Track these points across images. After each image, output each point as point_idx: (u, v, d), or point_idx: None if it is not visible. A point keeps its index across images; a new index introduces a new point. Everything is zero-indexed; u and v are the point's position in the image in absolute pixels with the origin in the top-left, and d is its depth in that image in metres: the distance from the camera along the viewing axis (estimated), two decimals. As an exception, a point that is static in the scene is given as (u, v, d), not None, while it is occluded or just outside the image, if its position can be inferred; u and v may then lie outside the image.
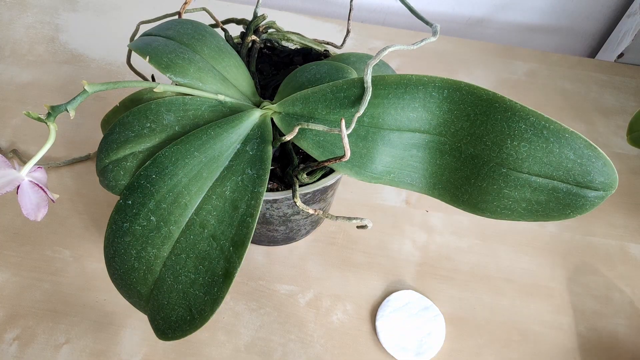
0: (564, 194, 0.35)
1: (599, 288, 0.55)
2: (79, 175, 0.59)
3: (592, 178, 0.35)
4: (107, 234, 0.38)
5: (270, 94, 0.49)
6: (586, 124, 0.69)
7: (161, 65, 0.40)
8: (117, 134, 0.40)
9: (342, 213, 0.58)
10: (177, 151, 0.38)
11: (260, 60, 0.52)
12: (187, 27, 0.44)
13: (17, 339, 0.48)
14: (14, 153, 0.59)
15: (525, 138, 0.35)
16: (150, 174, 0.38)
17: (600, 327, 0.52)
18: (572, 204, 0.35)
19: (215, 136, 0.39)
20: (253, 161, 0.39)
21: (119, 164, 0.40)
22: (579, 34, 0.83)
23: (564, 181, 0.35)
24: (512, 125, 0.35)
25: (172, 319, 0.36)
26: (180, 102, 0.40)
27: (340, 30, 0.76)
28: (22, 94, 0.65)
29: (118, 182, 0.40)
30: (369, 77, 0.37)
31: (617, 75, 0.75)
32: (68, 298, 0.50)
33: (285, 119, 0.41)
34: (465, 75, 0.73)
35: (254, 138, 0.40)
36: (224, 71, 0.43)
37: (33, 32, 0.72)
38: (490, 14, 0.81)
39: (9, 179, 0.33)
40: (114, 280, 0.39)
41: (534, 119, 0.35)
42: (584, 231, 0.59)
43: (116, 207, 0.38)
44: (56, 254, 0.53)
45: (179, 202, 0.37)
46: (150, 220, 0.37)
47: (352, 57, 0.48)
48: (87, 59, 0.70)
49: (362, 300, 0.52)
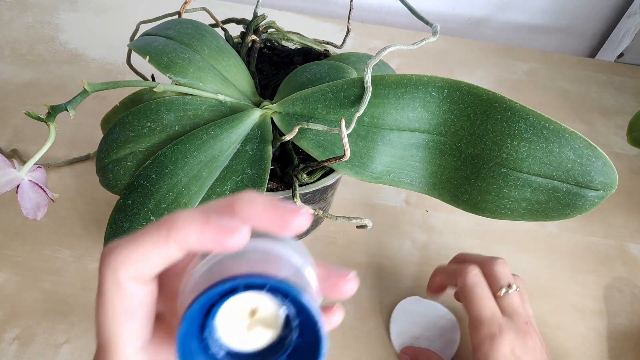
0: (564, 193, 0.35)
1: (599, 288, 0.55)
2: (79, 175, 0.59)
3: (592, 178, 0.35)
4: (107, 233, 0.38)
5: (270, 93, 0.49)
6: (586, 124, 0.69)
7: (161, 65, 0.40)
8: (117, 133, 0.40)
9: (342, 213, 0.58)
10: (177, 151, 0.38)
11: (260, 60, 0.52)
12: (187, 27, 0.44)
13: (17, 338, 0.48)
14: (14, 152, 0.59)
15: (525, 138, 0.35)
16: (150, 174, 0.38)
17: (600, 327, 0.52)
18: (572, 204, 0.35)
19: (215, 136, 0.39)
20: (253, 161, 0.39)
21: (119, 164, 0.40)
22: (579, 34, 0.83)
23: (563, 181, 0.35)
24: (512, 125, 0.35)
25: (172, 318, 0.36)
26: (180, 102, 0.40)
27: (340, 30, 0.76)
28: (22, 94, 0.65)
29: (118, 181, 0.40)
30: (369, 76, 0.37)
31: (617, 75, 0.75)
32: (68, 298, 0.50)
33: (285, 118, 0.41)
34: (465, 75, 0.73)
35: (254, 138, 0.40)
36: (224, 71, 0.43)
37: (33, 31, 0.72)
38: (490, 14, 0.81)
39: (8, 178, 0.33)
40: (114, 280, 0.39)
41: (533, 118, 0.35)
42: (584, 231, 0.59)
43: (116, 207, 0.38)
44: (56, 253, 0.53)
45: (178, 202, 0.37)
46: (150, 220, 0.37)
47: (352, 56, 0.48)
48: (87, 58, 0.70)
49: (362, 300, 0.52)
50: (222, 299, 0.19)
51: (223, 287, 0.18)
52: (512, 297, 0.43)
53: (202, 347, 0.20)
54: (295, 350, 0.20)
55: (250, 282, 0.18)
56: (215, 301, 0.19)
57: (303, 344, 0.20)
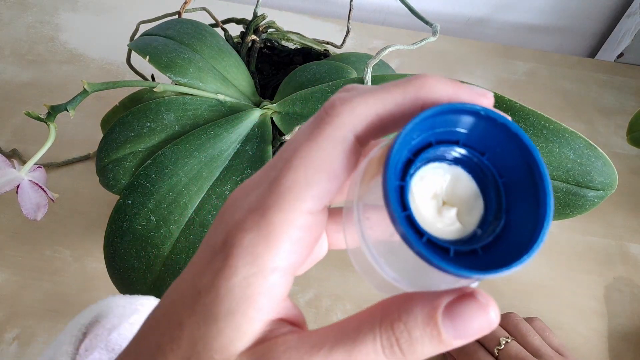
0: (564, 193, 0.35)
1: (599, 288, 0.55)
2: (79, 175, 0.59)
3: (591, 178, 0.35)
4: (107, 233, 0.38)
5: (270, 93, 0.49)
6: (586, 123, 0.69)
7: (161, 65, 0.40)
8: (117, 133, 0.40)
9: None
10: (177, 151, 0.38)
11: (260, 60, 0.52)
12: (187, 27, 0.44)
13: (17, 338, 0.48)
14: (14, 152, 0.59)
15: (525, 138, 0.35)
16: (150, 174, 0.38)
17: (601, 327, 0.52)
18: (571, 204, 0.35)
19: (215, 136, 0.39)
20: (253, 161, 0.39)
21: (119, 164, 0.40)
22: (579, 33, 0.83)
23: (563, 181, 0.35)
24: (512, 125, 0.35)
25: (172, 318, 0.36)
26: (180, 102, 0.40)
27: (340, 30, 0.76)
28: (22, 94, 0.65)
29: (118, 181, 0.40)
30: (369, 76, 0.37)
31: (617, 75, 0.75)
32: (68, 298, 0.50)
33: (285, 118, 0.41)
34: (465, 75, 0.73)
35: (254, 138, 0.40)
36: (224, 71, 0.43)
37: (33, 31, 0.72)
38: (490, 13, 0.81)
39: (8, 178, 0.33)
40: (114, 280, 0.39)
41: (533, 118, 0.35)
42: (584, 231, 0.59)
43: (116, 207, 0.38)
44: (56, 253, 0.53)
45: (178, 202, 0.37)
46: (150, 220, 0.37)
47: (352, 56, 0.48)
48: (87, 58, 0.70)
49: (362, 300, 0.52)
50: (416, 157, 0.16)
51: (439, 109, 0.15)
52: (513, 345, 0.40)
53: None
54: (504, 231, 0.16)
55: (464, 107, 0.15)
56: (409, 158, 0.16)
57: (514, 220, 0.16)
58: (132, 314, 0.32)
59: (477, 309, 0.16)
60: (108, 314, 0.32)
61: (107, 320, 0.31)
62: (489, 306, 0.16)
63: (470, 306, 0.16)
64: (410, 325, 0.16)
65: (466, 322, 0.16)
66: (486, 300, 0.16)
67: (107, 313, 0.32)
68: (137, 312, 0.32)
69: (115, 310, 0.32)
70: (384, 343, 0.16)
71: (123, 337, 0.31)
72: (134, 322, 0.31)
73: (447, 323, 0.16)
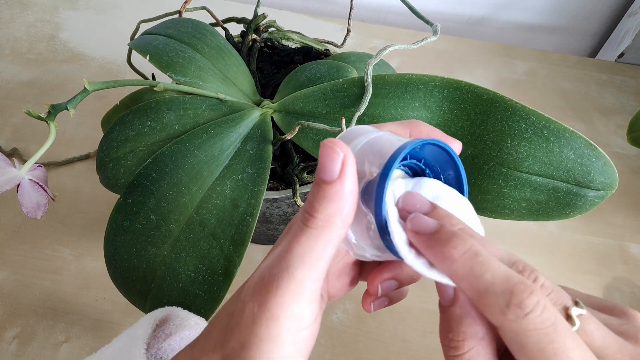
0: (564, 193, 0.35)
1: (599, 288, 0.55)
2: (79, 174, 0.59)
3: (592, 178, 0.35)
4: (107, 232, 0.38)
5: (270, 92, 0.49)
6: (586, 123, 0.69)
7: (161, 64, 0.40)
8: (118, 132, 0.40)
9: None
10: (177, 150, 0.38)
11: (260, 59, 0.52)
12: (187, 26, 0.44)
13: (17, 337, 0.48)
14: (14, 151, 0.59)
15: (526, 137, 0.35)
16: (150, 173, 0.38)
17: (600, 326, 0.52)
18: (572, 204, 0.35)
19: (216, 135, 0.39)
20: (253, 160, 0.39)
21: (119, 163, 0.40)
22: (579, 33, 0.83)
23: (564, 181, 0.35)
24: (512, 124, 0.35)
25: (172, 317, 0.36)
26: (181, 101, 0.40)
27: (341, 29, 0.76)
28: (23, 93, 0.65)
29: (118, 180, 0.40)
30: (370, 76, 0.37)
31: (618, 75, 0.75)
32: (68, 296, 0.50)
33: (285, 117, 0.41)
34: (466, 75, 0.73)
35: (254, 137, 0.40)
36: (225, 70, 0.43)
37: (33, 30, 0.72)
38: (491, 13, 0.81)
39: (9, 177, 0.33)
40: (114, 279, 0.39)
41: (534, 118, 0.35)
42: (584, 231, 0.59)
43: (116, 206, 0.38)
44: (56, 252, 0.53)
45: (179, 201, 0.37)
46: (150, 219, 0.37)
47: (353, 56, 0.48)
48: (88, 57, 0.70)
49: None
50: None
51: (410, 146, 0.22)
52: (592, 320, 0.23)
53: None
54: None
55: (424, 142, 0.22)
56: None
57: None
58: (185, 329, 0.33)
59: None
60: (169, 320, 0.34)
61: (166, 326, 0.33)
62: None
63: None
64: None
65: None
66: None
67: (169, 318, 0.34)
68: (188, 328, 0.33)
69: (175, 320, 0.34)
70: None
71: (171, 348, 0.32)
72: (184, 337, 0.33)
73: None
